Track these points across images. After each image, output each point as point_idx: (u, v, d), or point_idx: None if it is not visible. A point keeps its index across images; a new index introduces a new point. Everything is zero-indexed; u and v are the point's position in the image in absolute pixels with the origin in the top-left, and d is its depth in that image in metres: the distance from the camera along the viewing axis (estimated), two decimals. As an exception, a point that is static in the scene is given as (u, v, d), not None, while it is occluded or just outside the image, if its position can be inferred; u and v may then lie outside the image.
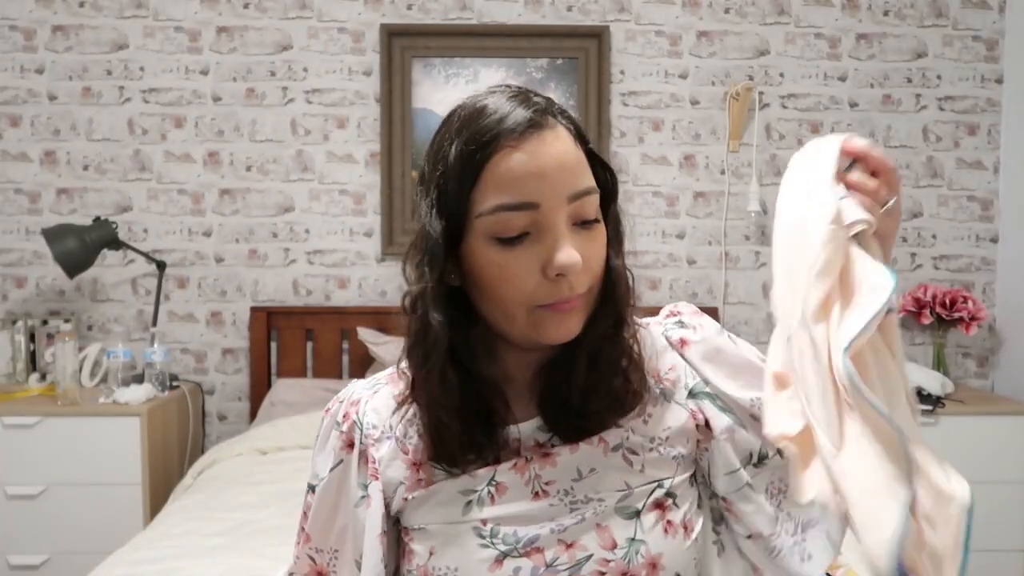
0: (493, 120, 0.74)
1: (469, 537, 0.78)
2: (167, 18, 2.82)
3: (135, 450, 2.38)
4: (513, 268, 0.74)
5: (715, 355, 0.86)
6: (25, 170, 2.83)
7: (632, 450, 0.81)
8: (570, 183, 0.74)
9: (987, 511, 2.48)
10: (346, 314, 2.82)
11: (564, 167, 0.74)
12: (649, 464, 0.81)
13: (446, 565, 0.78)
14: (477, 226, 0.75)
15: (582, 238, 0.75)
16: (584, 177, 0.76)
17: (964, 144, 2.92)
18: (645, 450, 0.82)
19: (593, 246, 0.76)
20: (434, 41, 2.83)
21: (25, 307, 2.84)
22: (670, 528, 0.80)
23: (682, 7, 2.88)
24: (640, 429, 0.82)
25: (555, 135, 0.75)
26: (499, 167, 0.73)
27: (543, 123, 0.74)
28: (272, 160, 2.86)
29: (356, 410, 0.86)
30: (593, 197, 0.76)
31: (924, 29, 2.90)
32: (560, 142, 0.75)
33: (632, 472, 0.80)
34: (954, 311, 2.75)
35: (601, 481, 0.79)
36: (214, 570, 1.49)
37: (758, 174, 2.89)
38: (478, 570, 0.77)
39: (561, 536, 0.78)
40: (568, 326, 0.76)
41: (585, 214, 0.75)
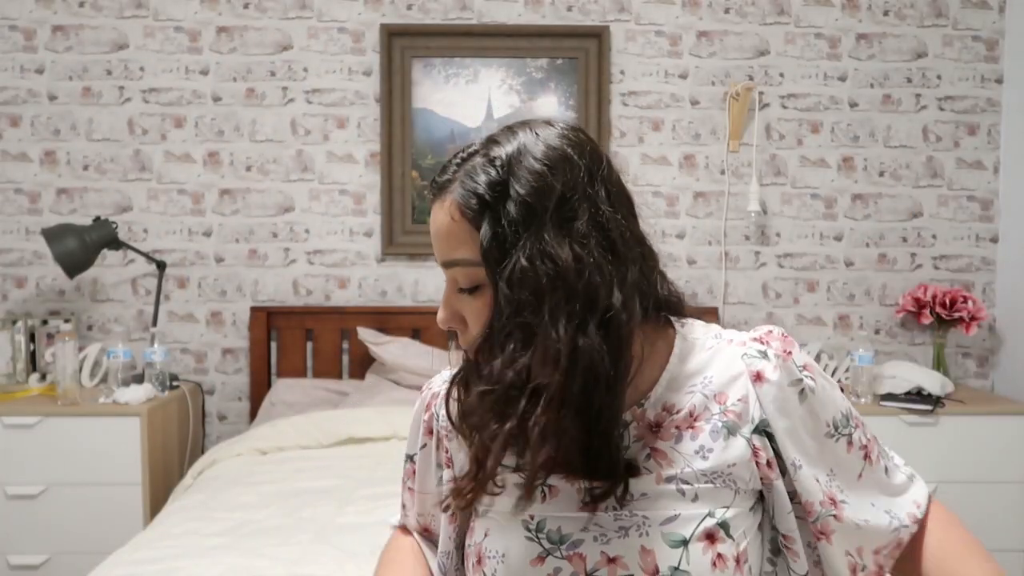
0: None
1: (518, 529, 0.83)
2: (167, 18, 2.82)
3: (135, 450, 2.38)
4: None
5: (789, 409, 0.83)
6: (25, 170, 2.83)
7: (686, 481, 0.80)
8: (439, 253, 0.80)
9: (987, 511, 2.49)
10: (346, 314, 2.82)
11: (437, 237, 0.80)
12: (703, 495, 0.80)
13: (496, 549, 0.84)
14: None
15: (463, 303, 0.80)
16: (450, 250, 0.79)
17: (964, 144, 2.92)
18: (700, 481, 0.81)
19: (470, 312, 0.80)
20: (434, 41, 2.83)
21: (25, 307, 2.84)
22: (720, 562, 0.79)
23: (682, 7, 2.88)
24: (697, 464, 0.81)
25: (439, 206, 0.80)
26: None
27: (435, 194, 0.81)
28: (272, 160, 2.86)
29: (435, 403, 0.95)
30: (460, 269, 0.79)
31: (924, 29, 2.90)
32: (437, 214, 0.80)
33: (684, 501, 0.80)
34: (954, 311, 2.75)
35: (650, 504, 0.80)
36: (214, 570, 1.49)
37: (758, 174, 2.89)
38: (521, 562, 0.81)
39: (604, 548, 0.79)
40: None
41: (459, 281, 0.80)
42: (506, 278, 0.75)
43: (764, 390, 0.82)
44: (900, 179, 2.93)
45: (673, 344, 0.85)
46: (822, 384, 0.85)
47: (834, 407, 0.85)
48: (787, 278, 2.94)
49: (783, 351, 0.84)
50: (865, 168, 2.92)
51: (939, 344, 2.83)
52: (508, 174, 0.76)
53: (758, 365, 0.83)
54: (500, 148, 0.78)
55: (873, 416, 2.48)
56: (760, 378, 0.82)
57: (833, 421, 0.85)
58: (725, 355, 0.84)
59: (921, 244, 2.94)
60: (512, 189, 0.76)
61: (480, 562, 0.85)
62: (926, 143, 2.92)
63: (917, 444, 2.48)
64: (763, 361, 0.83)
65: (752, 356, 0.83)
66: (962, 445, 2.48)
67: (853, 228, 2.93)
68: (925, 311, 2.78)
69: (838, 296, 2.94)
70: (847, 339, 2.92)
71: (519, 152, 0.77)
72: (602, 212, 0.77)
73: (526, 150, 0.77)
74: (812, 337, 2.92)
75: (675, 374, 0.84)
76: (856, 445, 0.87)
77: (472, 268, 0.78)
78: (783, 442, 0.82)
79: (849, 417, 0.87)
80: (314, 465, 2.15)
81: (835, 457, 0.85)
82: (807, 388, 0.83)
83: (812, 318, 2.94)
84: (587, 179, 0.77)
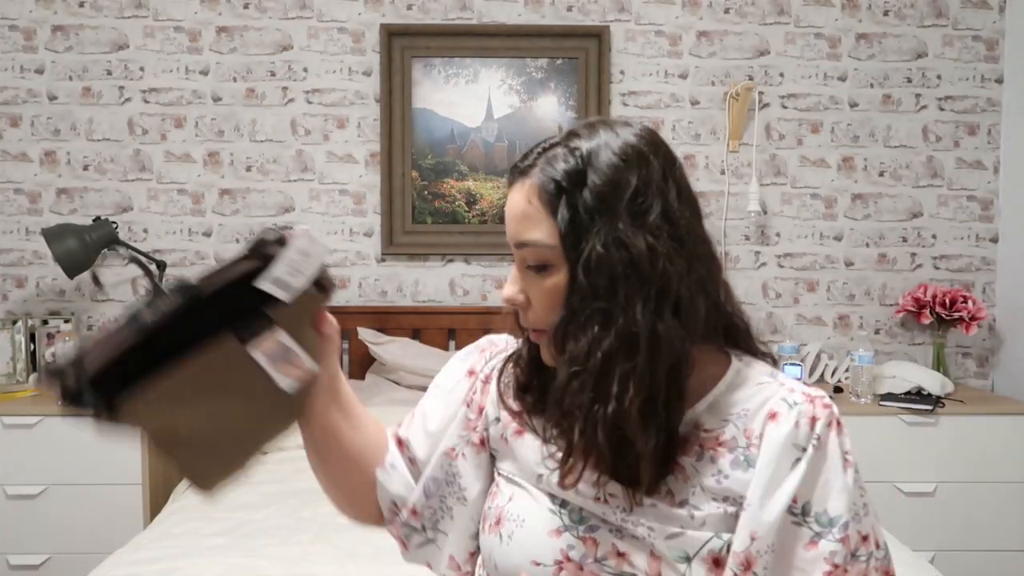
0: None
1: (544, 500, 0.86)
2: (167, 18, 2.82)
3: (135, 450, 2.38)
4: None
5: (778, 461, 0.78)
6: (25, 170, 2.83)
7: (697, 507, 0.81)
8: (512, 233, 0.84)
9: (987, 511, 2.49)
10: (346, 314, 2.82)
11: (512, 217, 0.84)
12: (712, 519, 0.80)
13: (518, 513, 0.87)
14: None
15: (530, 281, 0.84)
16: (523, 231, 0.82)
17: (964, 144, 2.92)
18: (711, 507, 0.80)
19: (537, 291, 0.83)
20: (434, 41, 2.83)
21: (25, 307, 2.84)
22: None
23: (682, 7, 2.88)
24: (710, 487, 0.81)
25: (518, 188, 0.83)
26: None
27: (515, 176, 0.85)
28: (272, 160, 2.86)
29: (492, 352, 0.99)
30: (530, 249, 0.82)
31: (924, 29, 2.90)
32: (516, 195, 0.84)
33: (692, 521, 0.80)
34: (954, 311, 2.75)
35: (658, 516, 0.81)
36: (214, 570, 1.49)
37: (758, 174, 2.89)
38: (541, 530, 0.84)
39: (616, 541, 0.82)
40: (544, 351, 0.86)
41: (527, 260, 0.83)
42: (583, 263, 0.78)
43: (770, 429, 0.79)
44: (900, 179, 2.93)
45: (726, 371, 0.85)
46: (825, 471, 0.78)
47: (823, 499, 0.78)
48: (787, 278, 2.94)
49: (812, 416, 0.79)
50: (865, 168, 2.92)
51: (939, 344, 2.83)
52: (587, 165, 0.80)
53: (780, 408, 0.80)
54: (581, 141, 0.82)
55: (873, 416, 2.49)
56: (774, 418, 0.80)
57: (807, 507, 0.77)
58: (767, 393, 0.82)
59: (921, 244, 2.94)
60: (590, 179, 0.79)
61: (499, 523, 0.88)
62: (926, 143, 2.92)
63: (917, 444, 2.48)
64: (788, 408, 0.80)
65: (785, 401, 0.81)
66: (962, 445, 2.48)
67: (853, 228, 2.93)
68: (925, 311, 2.78)
69: (838, 296, 2.94)
70: (847, 339, 2.92)
71: (598, 146, 0.81)
72: (673, 209, 0.81)
73: (605, 145, 0.81)
74: (812, 337, 2.92)
75: (718, 400, 0.84)
76: (821, 551, 0.77)
77: (543, 249, 0.81)
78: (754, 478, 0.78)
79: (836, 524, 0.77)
80: (314, 465, 2.14)
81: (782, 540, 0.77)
82: (802, 460, 0.78)
83: (812, 318, 2.94)
84: (660, 176, 0.82)
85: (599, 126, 0.84)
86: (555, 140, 0.85)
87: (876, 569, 0.79)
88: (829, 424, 0.80)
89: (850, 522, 0.78)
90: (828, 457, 0.79)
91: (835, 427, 0.80)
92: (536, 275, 0.83)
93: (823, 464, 0.78)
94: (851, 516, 0.78)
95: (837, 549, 0.77)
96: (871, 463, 2.47)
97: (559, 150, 0.82)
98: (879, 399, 2.56)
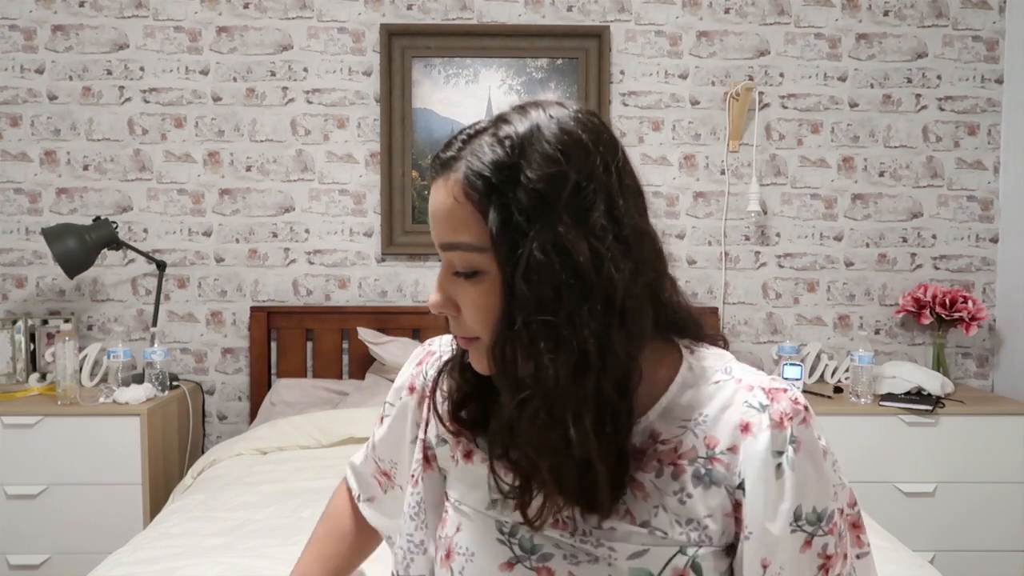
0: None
1: (491, 529, 0.80)
2: (167, 18, 2.82)
3: (135, 450, 2.38)
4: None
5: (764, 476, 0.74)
6: (25, 170, 2.83)
7: (661, 530, 0.75)
8: (437, 234, 0.76)
9: (987, 511, 2.49)
10: (346, 314, 2.82)
11: (435, 217, 0.75)
12: (675, 537, 0.75)
13: (466, 546, 0.81)
14: None
15: (458, 287, 0.75)
16: (449, 232, 0.73)
17: (964, 144, 2.92)
18: (675, 529, 0.75)
19: (466, 298, 0.75)
20: (434, 41, 2.83)
21: (25, 307, 2.84)
22: None
23: (682, 7, 2.88)
24: (673, 507, 0.75)
25: (441, 185, 0.74)
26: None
27: (437, 171, 0.76)
28: (272, 160, 2.86)
29: (431, 360, 0.93)
30: (459, 253, 0.73)
31: (924, 29, 2.90)
32: (438, 193, 0.75)
33: (655, 539, 0.75)
34: (954, 311, 2.75)
35: (618, 537, 0.75)
36: (214, 570, 1.49)
37: (758, 174, 2.89)
38: (490, 564, 0.79)
39: (573, 568, 0.76)
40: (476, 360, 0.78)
41: (455, 265, 0.75)
42: (521, 272, 0.70)
43: (747, 444, 0.74)
44: (900, 179, 2.93)
45: (677, 371, 0.79)
46: (808, 469, 0.75)
47: (811, 498, 0.75)
48: (787, 278, 2.94)
49: (782, 414, 0.75)
50: (865, 168, 2.92)
51: (939, 344, 2.83)
52: (519, 156, 0.71)
53: (750, 416, 0.75)
54: (511, 127, 0.72)
55: (873, 416, 2.49)
56: (747, 430, 0.75)
57: (798, 511, 0.74)
58: (727, 395, 0.77)
59: (921, 244, 2.94)
60: (523, 174, 0.70)
61: (449, 556, 0.83)
62: (926, 143, 2.92)
63: (917, 444, 2.48)
64: (758, 415, 0.75)
65: (751, 406, 0.75)
66: (962, 445, 2.48)
67: (853, 228, 2.93)
68: (925, 311, 2.78)
69: (838, 296, 2.94)
70: (847, 339, 2.92)
71: (531, 133, 0.72)
72: (618, 206, 0.72)
73: (539, 132, 0.72)
74: (812, 337, 2.92)
75: (672, 404, 0.77)
76: (815, 548, 0.75)
77: (473, 253, 0.73)
78: (748, 504, 0.74)
79: (824, 518, 0.75)
80: (314, 465, 2.15)
81: (787, 553, 0.74)
82: (784, 464, 0.74)
83: (812, 318, 2.94)
84: (603, 169, 0.72)
85: (530, 108, 0.74)
86: (481, 126, 0.75)
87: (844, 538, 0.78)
88: (802, 421, 0.75)
89: (834, 508, 0.76)
90: (807, 455, 0.75)
91: (807, 421, 0.76)
92: (465, 281, 0.74)
93: (805, 465, 0.75)
94: (834, 501, 0.76)
95: (828, 541, 0.75)
96: (871, 463, 2.47)
97: (485, 138, 0.73)
98: (879, 399, 2.56)
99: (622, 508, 0.75)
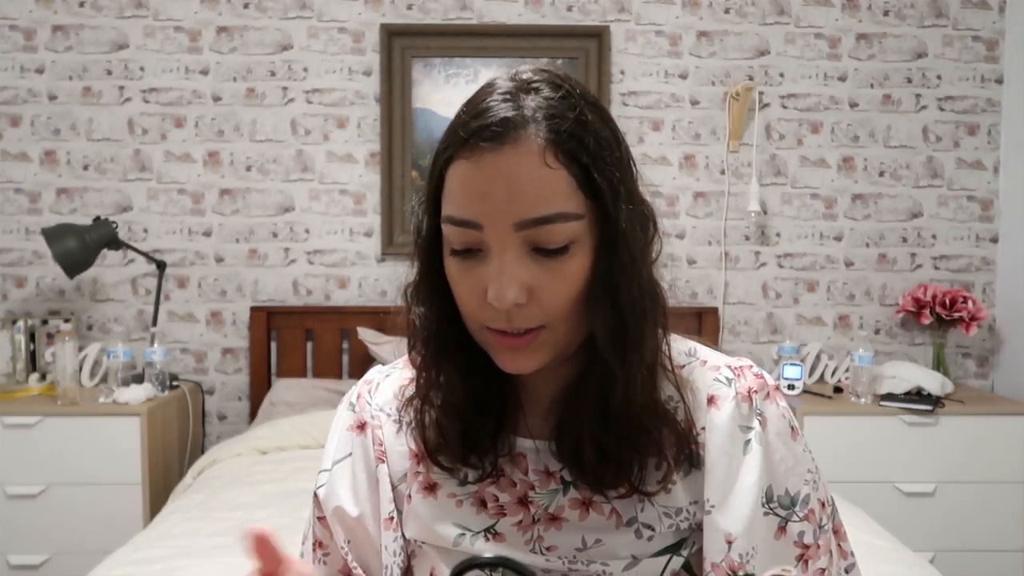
0: (460, 121, 0.67)
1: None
2: (167, 18, 2.82)
3: (135, 450, 2.38)
4: (461, 283, 0.68)
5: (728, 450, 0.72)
6: (25, 170, 2.83)
7: (648, 525, 0.72)
8: (516, 210, 0.64)
9: (987, 511, 2.49)
10: (346, 314, 2.82)
11: (512, 190, 0.64)
12: (663, 537, 0.72)
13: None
14: (443, 229, 0.69)
15: (539, 267, 0.66)
16: (541, 204, 0.64)
17: (964, 144, 2.92)
18: (663, 524, 0.72)
19: (551, 278, 0.66)
20: (434, 41, 2.83)
21: (25, 307, 2.84)
22: None
23: (682, 7, 2.88)
24: (660, 499, 0.72)
25: (516, 151, 0.64)
26: (453, 176, 0.67)
27: (504, 136, 0.64)
28: (272, 160, 2.86)
29: (368, 389, 0.84)
30: (555, 226, 0.65)
31: (924, 29, 2.90)
32: (520, 160, 0.64)
33: (642, 543, 0.72)
34: (954, 311, 2.75)
35: (607, 552, 0.72)
36: (214, 570, 1.49)
37: (758, 174, 2.89)
38: None
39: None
40: (517, 362, 0.69)
41: (542, 242, 0.65)
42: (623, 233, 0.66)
43: (711, 415, 0.73)
44: (900, 179, 2.93)
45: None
46: (778, 445, 0.72)
47: (782, 479, 0.72)
48: (787, 278, 2.94)
49: (748, 389, 0.73)
50: (865, 168, 2.92)
51: (939, 344, 2.83)
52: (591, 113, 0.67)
53: (716, 389, 0.74)
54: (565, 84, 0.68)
55: (873, 416, 2.49)
56: (712, 402, 0.73)
57: (769, 492, 0.71)
58: (695, 377, 0.75)
59: (921, 244, 2.94)
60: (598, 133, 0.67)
61: None
62: (926, 143, 2.92)
63: (917, 444, 2.48)
64: (724, 388, 0.73)
65: (719, 382, 0.74)
66: (962, 445, 2.48)
67: (853, 228, 2.93)
68: (925, 311, 2.78)
69: (838, 296, 2.94)
70: (847, 339, 2.92)
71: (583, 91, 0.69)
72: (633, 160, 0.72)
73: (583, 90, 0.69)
74: (812, 337, 2.92)
75: None
76: (790, 535, 0.71)
77: (571, 223, 0.65)
78: (709, 476, 0.72)
79: (797, 502, 0.72)
80: (314, 465, 2.13)
81: (760, 537, 0.71)
82: (752, 440, 0.72)
83: (812, 318, 2.94)
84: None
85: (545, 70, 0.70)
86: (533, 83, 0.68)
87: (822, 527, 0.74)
88: (767, 395, 0.74)
89: (811, 494, 0.73)
90: (776, 432, 0.73)
91: (773, 396, 0.74)
92: (547, 258, 0.66)
93: (773, 441, 0.72)
94: (811, 488, 0.73)
95: (805, 528, 0.72)
96: (871, 463, 2.47)
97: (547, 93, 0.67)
98: (879, 399, 2.56)
99: (607, 508, 0.72)
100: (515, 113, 0.65)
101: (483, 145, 0.64)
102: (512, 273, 0.65)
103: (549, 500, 0.74)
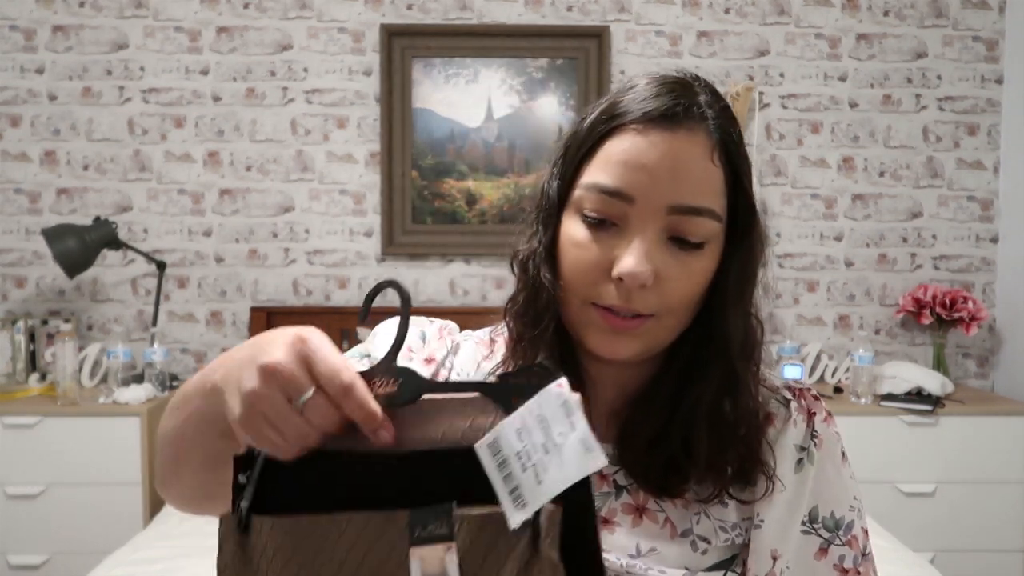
0: (632, 99, 0.69)
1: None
2: (167, 18, 2.82)
3: (135, 450, 2.38)
4: (586, 251, 0.68)
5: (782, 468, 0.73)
6: (25, 170, 2.83)
7: (704, 538, 0.72)
8: (676, 192, 0.66)
9: (987, 511, 2.49)
10: (346, 314, 2.82)
11: (678, 172, 0.66)
12: (718, 551, 0.72)
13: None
14: (575, 196, 0.70)
15: (671, 257, 0.67)
16: (700, 194, 0.66)
17: (964, 144, 2.92)
18: (718, 538, 0.72)
19: (681, 271, 0.67)
20: (434, 41, 2.83)
21: (25, 307, 2.84)
22: None
23: (682, 7, 2.87)
24: (716, 512, 0.73)
25: (689, 137, 0.66)
26: (615, 145, 0.68)
27: (680, 120, 0.67)
28: (272, 160, 2.86)
29: (451, 340, 0.82)
30: (704, 220, 0.67)
31: (924, 29, 2.90)
32: (692, 148, 0.66)
33: (697, 556, 0.72)
34: (954, 311, 2.75)
35: (661, 560, 0.72)
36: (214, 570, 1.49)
37: (758, 174, 2.89)
38: None
39: None
40: (615, 346, 0.69)
41: (685, 232, 0.67)
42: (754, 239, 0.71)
43: (768, 433, 0.74)
44: (900, 179, 2.93)
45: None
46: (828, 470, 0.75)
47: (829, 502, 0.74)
48: (787, 278, 2.94)
49: (808, 410, 0.76)
50: (865, 168, 2.92)
51: (939, 344, 2.83)
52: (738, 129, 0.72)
53: (774, 408, 0.76)
54: (720, 95, 0.73)
55: (873, 416, 2.49)
56: (769, 420, 0.75)
57: (814, 513, 0.73)
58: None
59: (921, 244, 2.94)
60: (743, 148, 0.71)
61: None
62: (926, 143, 2.92)
63: (917, 444, 2.48)
64: (782, 408, 0.76)
65: (778, 401, 0.76)
66: (962, 445, 2.48)
67: (853, 228, 2.93)
68: (925, 311, 2.77)
69: (838, 296, 2.94)
70: (847, 339, 2.92)
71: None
72: None
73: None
74: (812, 337, 2.92)
75: None
76: (831, 558, 0.73)
77: (713, 222, 0.67)
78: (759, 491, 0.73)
79: (842, 526, 0.73)
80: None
81: (797, 554, 0.72)
82: (805, 460, 0.74)
83: (812, 318, 2.94)
84: None
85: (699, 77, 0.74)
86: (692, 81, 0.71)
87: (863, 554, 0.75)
88: (825, 419, 0.76)
89: (855, 520, 0.74)
90: (828, 455, 0.75)
91: (829, 420, 0.77)
92: (680, 251, 0.67)
93: (825, 464, 0.74)
94: (856, 515, 0.74)
95: (846, 553, 0.73)
96: (871, 463, 2.47)
97: (714, 98, 0.71)
98: (879, 399, 2.56)
99: (661, 516, 0.72)
100: (693, 104, 0.68)
101: (659, 122, 0.66)
102: (646, 252, 0.66)
103: (601, 503, 0.73)
